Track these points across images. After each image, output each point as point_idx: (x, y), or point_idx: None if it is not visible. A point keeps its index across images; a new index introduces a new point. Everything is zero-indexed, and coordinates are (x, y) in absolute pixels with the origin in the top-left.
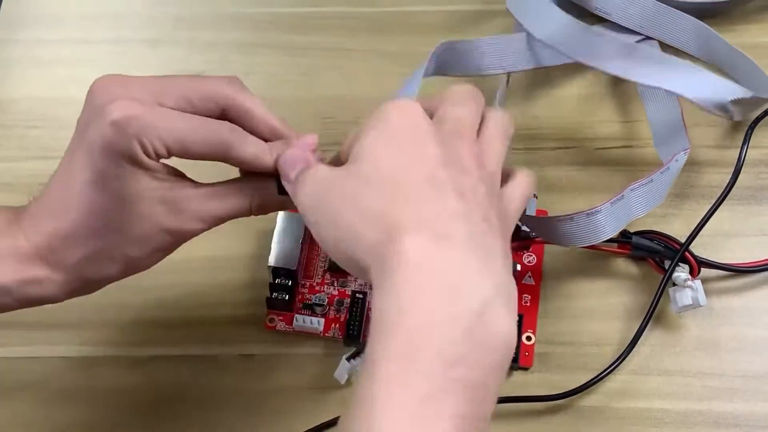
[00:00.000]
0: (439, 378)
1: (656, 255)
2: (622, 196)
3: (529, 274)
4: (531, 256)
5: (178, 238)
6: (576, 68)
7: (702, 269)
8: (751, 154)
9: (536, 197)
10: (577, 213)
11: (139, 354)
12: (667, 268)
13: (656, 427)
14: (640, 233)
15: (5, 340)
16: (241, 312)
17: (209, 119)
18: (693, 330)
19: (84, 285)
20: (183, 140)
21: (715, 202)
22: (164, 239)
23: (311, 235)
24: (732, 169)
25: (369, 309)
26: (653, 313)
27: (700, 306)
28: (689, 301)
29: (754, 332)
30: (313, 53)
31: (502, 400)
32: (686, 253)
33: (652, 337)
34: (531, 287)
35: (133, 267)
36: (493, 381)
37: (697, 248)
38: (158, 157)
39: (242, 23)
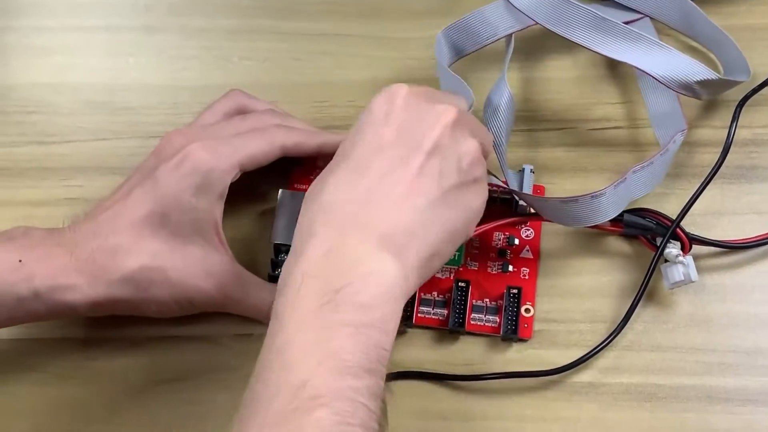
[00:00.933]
0: (327, 298)
1: (648, 232)
2: (625, 178)
3: (527, 248)
4: (529, 230)
5: (186, 292)
6: (569, 50)
7: (694, 246)
8: (742, 133)
9: (533, 172)
10: (582, 195)
11: (137, 335)
12: (658, 245)
13: (650, 401)
14: (632, 211)
15: None
16: None
17: (265, 130)
18: (685, 306)
19: (109, 302)
20: (255, 157)
21: (705, 179)
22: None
23: None
24: (718, 146)
25: None
26: (645, 289)
27: (692, 281)
28: (681, 277)
29: (745, 309)
30: (306, 38)
31: (496, 375)
32: (677, 230)
33: (645, 314)
34: (529, 261)
35: (142, 302)
36: (382, 303)
37: (690, 227)
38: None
39: (235, 9)
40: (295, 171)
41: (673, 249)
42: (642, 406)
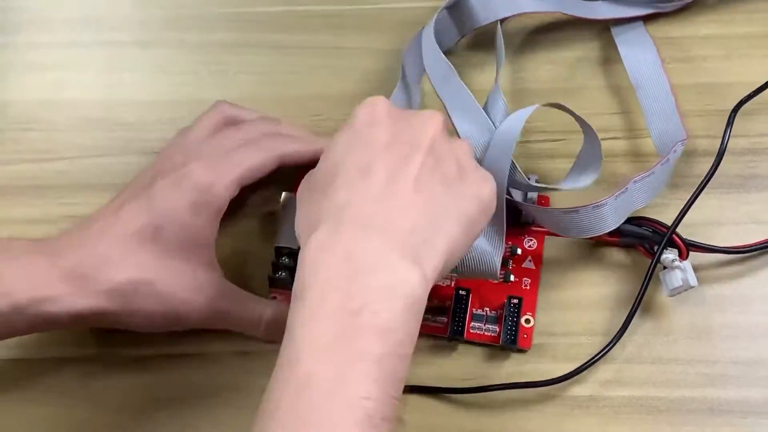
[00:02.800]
0: (346, 322)
1: (645, 241)
2: (626, 189)
3: (530, 258)
4: (531, 240)
5: (173, 305)
6: (565, 61)
7: (695, 257)
8: (740, 142)
9: (538, 182)
10: (583, 206)
11: (134, 353)
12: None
13: (651, 414)
14: (629, 220)
15: None
16: None
17: (260, 141)
18: (686, 318)
19: (93, 314)
20: (254, 171)
21: (700, 185)
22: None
23: None
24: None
25: None
26: (642, 298)
27: (691, 287)
28: (680, 283)
29: (746, 319)
30: (302, 51)
31: (492, 387)
32: (674, 237)
33: (645, 326)
34: (531, 271)
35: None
36: (401, 324)
37: (689, 237)
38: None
39: (230, 23)
40: (299, 173)
41: (669, 254)
42: (643, 419)
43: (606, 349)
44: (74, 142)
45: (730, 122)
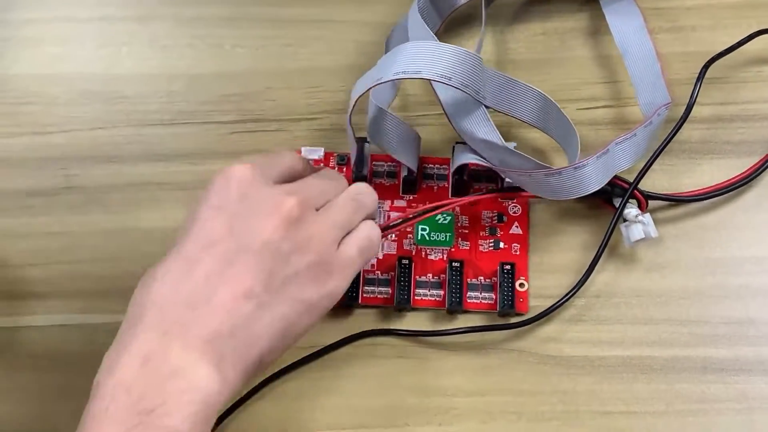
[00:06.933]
0: (136, 421)
1: (605, 195)
2: (608, 150)
3: (516, 224)
4: (516, 207)
5: None
6: (555, 32)
7: (675, 226)
8: (730, 109)
9: (516, 149)
10: (564, 167)
11: (115, 321)
12: (616, 205)
13: (645, 373)
14: None
15: None
16: None
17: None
18: (678, 280)
19: None
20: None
21: (665, 139)
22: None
23: None
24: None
25: None
26: (606, 246)
27: (652, 238)
28: (641, 235)
29: (737, 280)
30: (297, 24)
31: (463, 330)
32: (634, 191)
33: (638, 288)
34: (519, 236)
35: None
36: (191, 427)
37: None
38: None
39: None
40: None
41: (632, 209)
42: (637, 378)
43: (574, 290)
44: (73, 116)
45: (700, 77)
